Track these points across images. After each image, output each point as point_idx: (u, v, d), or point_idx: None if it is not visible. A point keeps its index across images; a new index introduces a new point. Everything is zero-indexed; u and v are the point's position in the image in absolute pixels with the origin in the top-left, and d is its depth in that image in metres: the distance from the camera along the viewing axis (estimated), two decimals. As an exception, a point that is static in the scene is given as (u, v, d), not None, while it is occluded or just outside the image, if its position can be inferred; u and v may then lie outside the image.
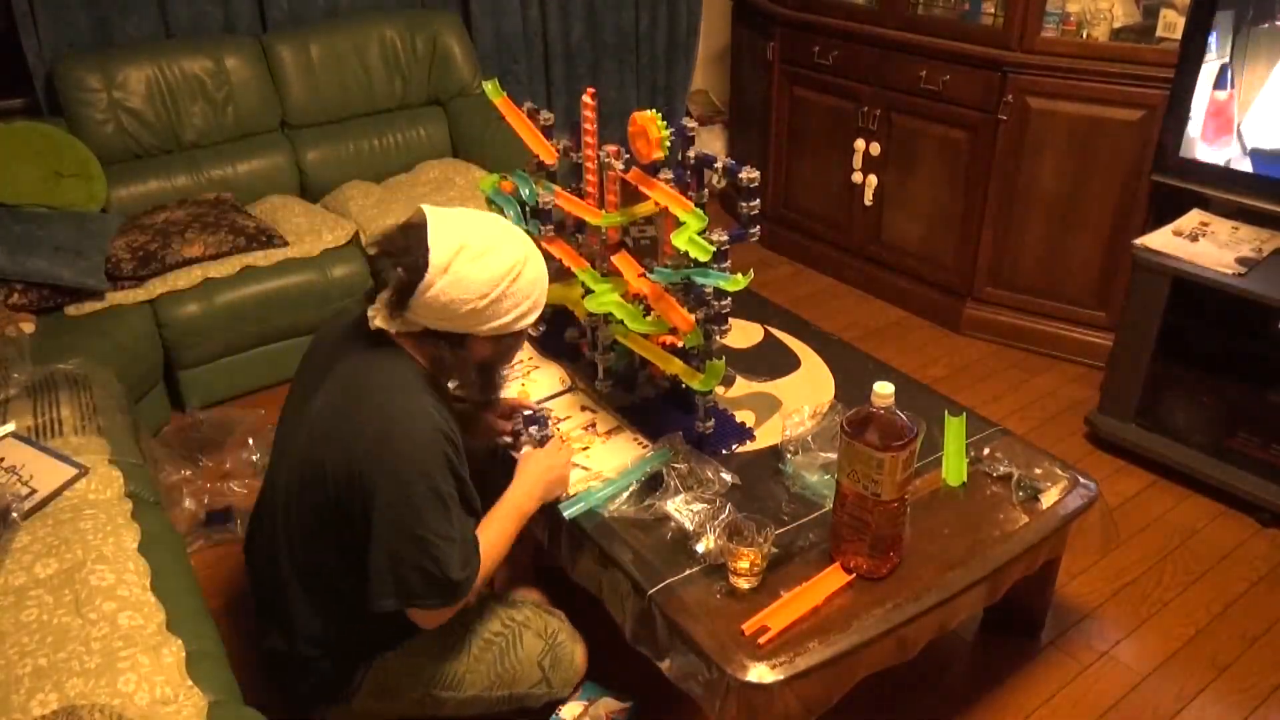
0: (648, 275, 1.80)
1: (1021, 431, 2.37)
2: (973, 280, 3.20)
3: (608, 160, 1.91)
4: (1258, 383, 2.36)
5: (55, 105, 3.00)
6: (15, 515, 1.62)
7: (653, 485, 1.76)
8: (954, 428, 1.90)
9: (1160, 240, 2.45)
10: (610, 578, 1.66)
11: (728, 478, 1.75)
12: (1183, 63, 2.44)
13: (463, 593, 1.46)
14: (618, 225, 1.94)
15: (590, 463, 1.86)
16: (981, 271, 3.17)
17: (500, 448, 1.89)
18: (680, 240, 1.67)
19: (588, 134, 2.03)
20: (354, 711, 1.61)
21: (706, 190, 1.93)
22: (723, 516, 1.65)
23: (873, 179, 3.39)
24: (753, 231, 1.80)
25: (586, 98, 2.01)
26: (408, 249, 1.40)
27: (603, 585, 1.69)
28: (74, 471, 1.76)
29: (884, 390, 1.51)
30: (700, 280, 1.68)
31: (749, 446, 1.92)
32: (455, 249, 1.39)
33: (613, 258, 1.90)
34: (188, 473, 2.47)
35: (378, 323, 1.47)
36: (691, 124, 1.90)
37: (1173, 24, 2.64)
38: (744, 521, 1.60)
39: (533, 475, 1.68)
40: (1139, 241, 2.46)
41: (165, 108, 3.09)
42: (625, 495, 1.74)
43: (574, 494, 1.77)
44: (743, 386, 2.11)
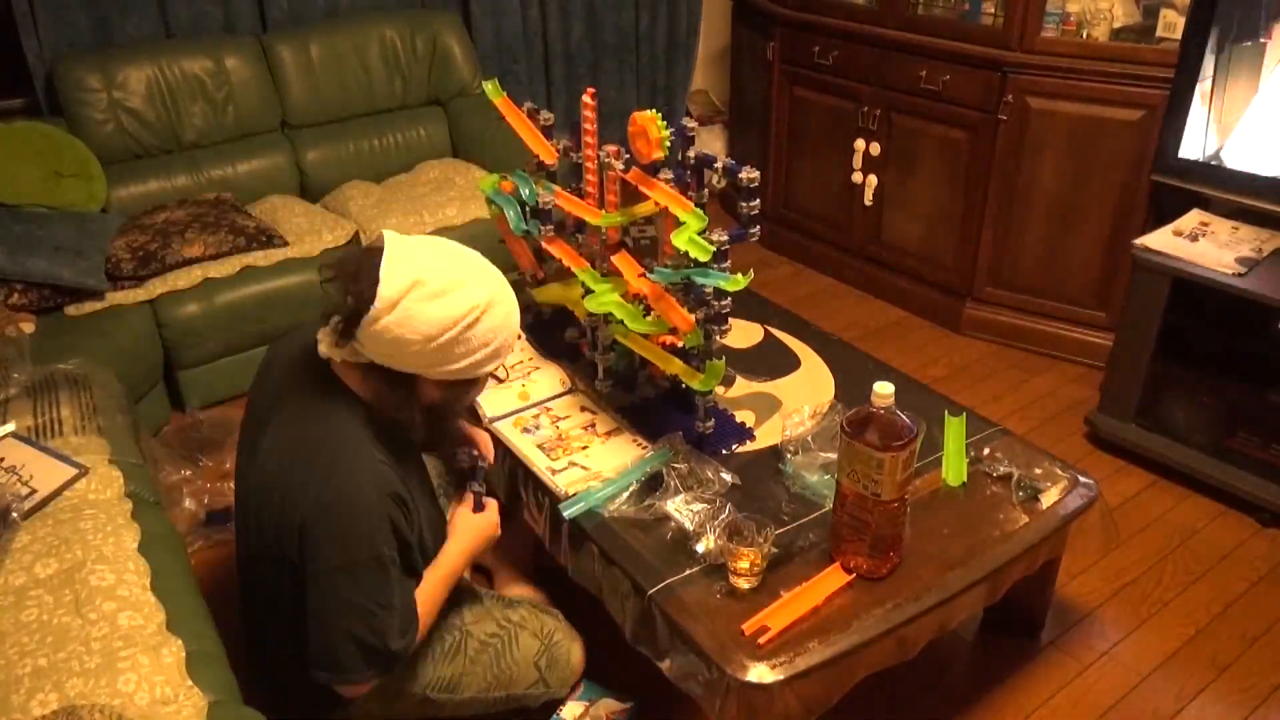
0: (648, 275, 1.80)
1: (1021, 431, 2.37)
2: (973, 280, 3.20)
3: (608, 160, 1.91)
4: (1258, 383, 2.36)
5: (55, 105, 3.00)
6: (15, 515, 1.62)
7: (653, 485, 1.76)
8: (954, 428, 1.90)
9: (1160, 240, 2.45)
10: (610, 578, 1.66)
11: (728, 478, 1.75)
12: (1183, 63, 2.44)
13: (398, 661, 1.42)
14: (618, 225, 1.94)
15: (590, 463, 1.86)
16: (981, 271, 3.17)
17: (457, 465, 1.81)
18: (680, 240, 1.67)
19: (588, 134, 2.03)
20: (353, 717, 1.61)
21: (706, 190, 1.93)
22: (723, 516, 1.65)
23: (873, 179, 3.39)
24: (753, 231, 1.80)
25: (586, 98, 2.01)
26: (358, 276, 1.31)
27: (603, 585, 1.69)
28: (74, 471, 1.76)
29: (884, 390, 1.51)
30: (700, 280, 1.68)
31: (749, 446, 1.91)
32: (408, 284, 1.30)
33: (613, 258, 1.90)
34: (188, 473, 2.47)
35: (324, 349, 1.40)
36: (691, 124, 1.90)
37: (1173, 24, 2.64)
38: (744, 521, 1.60)
39: (465, 538, 1.61)
40: (1139, 241, 2.46)
41: (165, 108, 3.09)
42: (625, 495, 1.74)
43: (574, 494, 1.77)
44: (743, 386, 2.11)
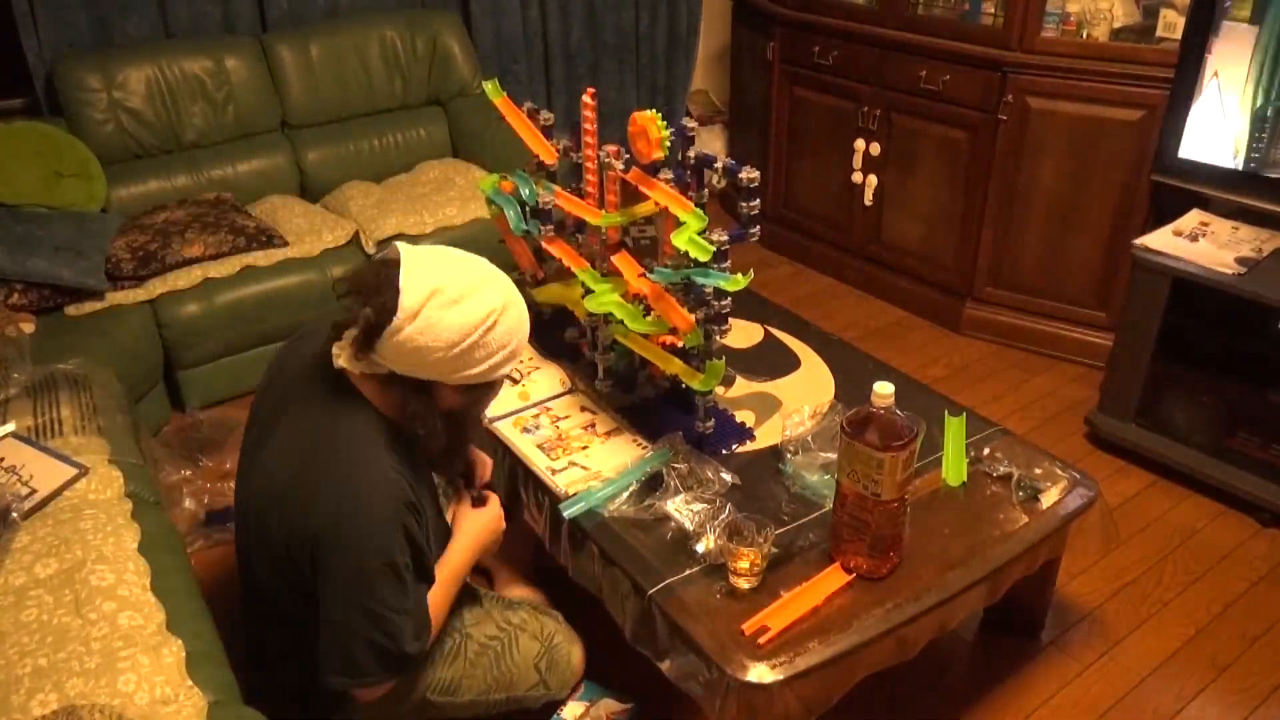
0: (648, 275, 1.80)
1: (1021, 431, 2.37)
2: (973, 280, 3.20)
3: (608, 160, 1.91)
4: (1258, 383, 2.36)
5: (55, 105, 3.00)
6: (15, 515, 1.62)
7: (653, 485, 1.76)
8: (954, 428, 1.90)
9: (1160, 240, 2.45)
10: (610, 578, 1.66)
11: (728, 478, 1.75)
12: (1183, 63, 2.44)
13: (413, 665, 1.44)
14: (618, 225, 1.94)
15: (590, 463, 1.86)
16: (981, 271, 3.17)
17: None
18: (680, 240, 1.67)
19: (588, 134, 2.03)
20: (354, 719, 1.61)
21: (706, 190, 1.93)
22: (723, 516, 1.65)
23: (873, 179, 3.39)
24: (753, 231, 1.80)
25: (586, 98, 2.01)
26: (378, 289, 1.31)
27: (603, 585, 1.69)
28: (74, 471, 1.76)
29: (884, 390, 1.51)
30: (700, 280, 1.67)
31: (749, 446, 1.91)
32: (428, 293, 1.31)
33: (613, 258, 1.90)
34: (188, 473, 2.47)
35: (341, 362, 1.39)
36: (691, 124, 1.90)
37: (1173, 24, 2.64)
38: (744, 521, 1.60)
39: (469, 534, 1.62)
40: (1139, 241, 2.46)
41: (165, 108, 3.09)
42: (625, 495, 1.74)
43: (574, 494, 1.77)
44: (743, 386, 2.11)
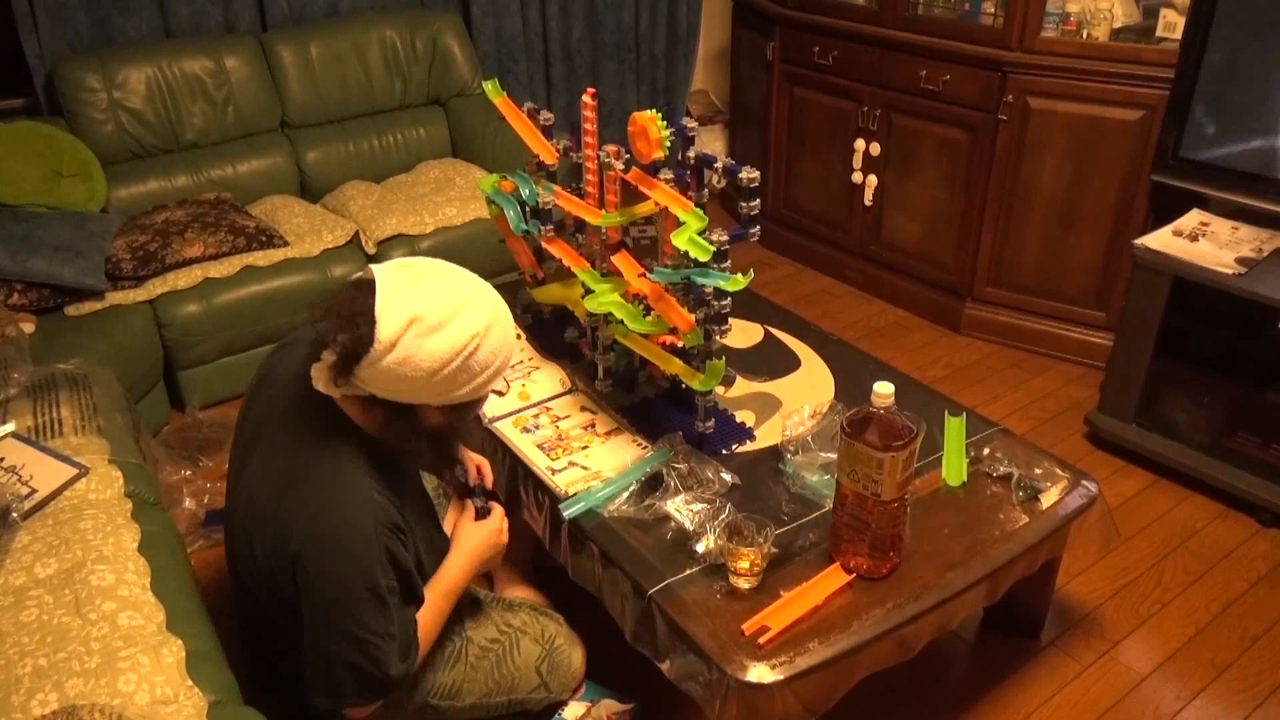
0: (648, 275, 1.79)
1: (1021, 431, 2.38)
2: (972, 280, 3.20)
3: (608, 160, 1.91)
4: (1258, 383, 2.36)
5: (55, 105, 3.00)
6: (15, 515, 1.62)
7: (653, 485, 1.76)
8: (954, 428, 1.90)
9: (1160, 240, 2.45)
10: (610, 578, 1.66)
11: (728, 478, 1.75)
12: (1183, 63, 2.45)
13: (399, 686, 1.43)
14: (618, 225, 1.94)
15: (590, 463, 1.86)
16: (981, 271, 3.17)
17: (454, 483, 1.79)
18: (680, 240, 1.66)
19: (588, 134, 2.03)
20: None
21: (706, 190, 1.93)
22: (723, 516, 1.65)
23: (873, 179, 3.39)
24: (753, 231, 1.80)
25: (586, 98, 2.01)
26: (353, 319, 1.27)
27: (603, 585, 1.69)
28: (74, 471, 1.76)
29: (884, 390, 1.51)
30: (700, 280, 1.67)
31: (749, 446, 1.91)
32: (406, 322, 1.26)
33: (613, 258, 1.90)
34: (188, 473, 2.47)
35: (320, 387, 1.35)
36: (691, 124, 1.90)
37: (1173, 24, 2.64)
38: (744, 521, 1.60)
39: (467, 548, 1.59)
40: (1139, 241, 2.46)
41: (165, 108, 3.09)
42: (625, 495, 1.74)
43: (574, 494, 1.77)
44: (743, 386, 2.11)
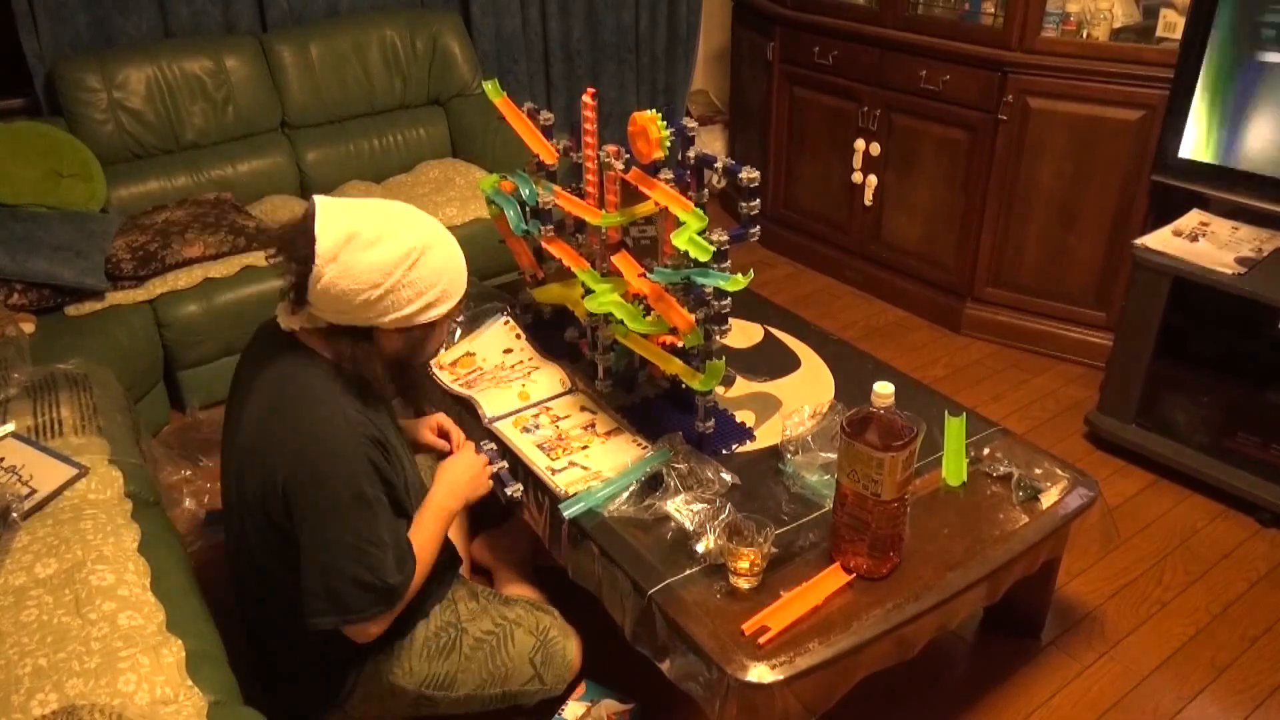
0: (648, 275, 1.79)
1: (1021, 431, 2.37)
2: (973, 280, 3.20)
3: (608, 160, 1.91)
4: (1258, 383, 2.35)
5: (55, 105, 3.00)
6: (15, 515, 1.62)
7: (653, 485, 1.76)
8: (954, 428, 1.90)
9: (1160, 240, 2.45)
10: (610, 578, 1.66)
11: (728, 478, 1.75)
12: (1183, 63, 2.44)
13: (400, 596, 1.44)
14: (618, 225, 1.94)
15: (590, 462, 1.86)
16: (981, 271, 3.17)
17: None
18: (680, 240, 1.66)
19: (588, 134, 2.03)
20: (350, 716, 1.61)
21: (706, 190, 1.93)
22: (723, 516, 1.65)
23: (873, 179, 3.39)
24: (753, 231, 1.80)
25: (586, 98, 2.01)
26: (295, 242, 1.36)
27: (603, 585, 1.68)
28: (74, 471, 1.76)
29: (884, 390, 1.51)
30: (700, 280, 1.67)
31: (749, 446, 1.91)
32: (343, 237, 1.34)
33: (613, 258, 1.90)
34: (188, 473, 2.47)
35: (283, 322, 1.45)
36: (691, 124, 1.90)
37: (1173, 24, 2.64)
38: (744, 521, 1.60)
39: (452, 476, 1.66)
40: (1139, 241, 2.46)
41: (165, 108, 3.09)
42: (625, 495, 1.74)
43: (574, 494, 1.77)
44: (743, 386, 2.11)
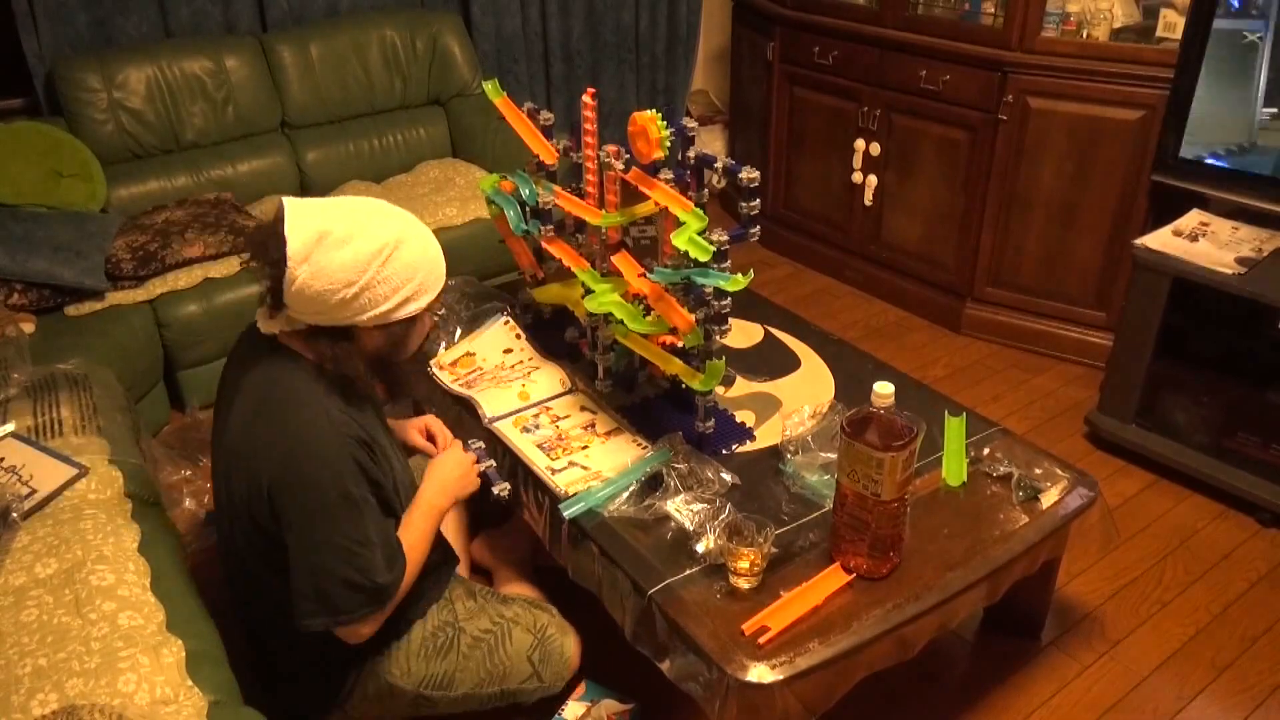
0: (648, 275, 1.79)
1: (1021, 431, 2.37)
2: (973, 280, 3.20)
3: (608, 160, 1.91)
4: (1258, 383, 2.35)
5: (55, 105, 3.00)
6: (15, 515, 1.62)
7: (653, 485, 1.76)
8: (954, 428, 1.90)
9: (1160, 240, 2.45)
10: (610, 577, 1.66)
11: (728, 478, 1.75)
12: (1183, 63, 2.44)
13: (390, 596, 1.43)
14: (618, 225, 1.94)
15: (590, 462, 1.86)
16: (981, 271, 3.17)
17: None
18: (680, 240, 1.66)
19: (588, 134, 2.03)
20: (350, 716, 1.61)
21: (706, 190, 1.93)
22: (723, 516, 1.65)
23: (873, 179, 3.39)
24: (753, 231, 1.80)
25: (586, 98, 2.01)
26: (266, 245, 1.34)
27: (603, 585, 1.69)
28: (74, 471, 1.76)
29: (884, 390, 1.51)
30: (700, 280, 1.67)
31: (749, 446, 1.91)
32: (314, 237, 1.32)
33: (613, 258, 1.90)
34: (188, 473, 2.47)
35: (263, 326, 1.44)
36: (691, 124, 1.90)
37: (1173, 24, 2.64)
38: (744, 521, 1.60)
39: (440, 474, 1.65)
40: (1139, 241, 2.46)
41: (165, 108, 3.09)
42: (625, 495, 1.74)
43: (574, 494, 1.77)
44: (743, 386, 2.11)
